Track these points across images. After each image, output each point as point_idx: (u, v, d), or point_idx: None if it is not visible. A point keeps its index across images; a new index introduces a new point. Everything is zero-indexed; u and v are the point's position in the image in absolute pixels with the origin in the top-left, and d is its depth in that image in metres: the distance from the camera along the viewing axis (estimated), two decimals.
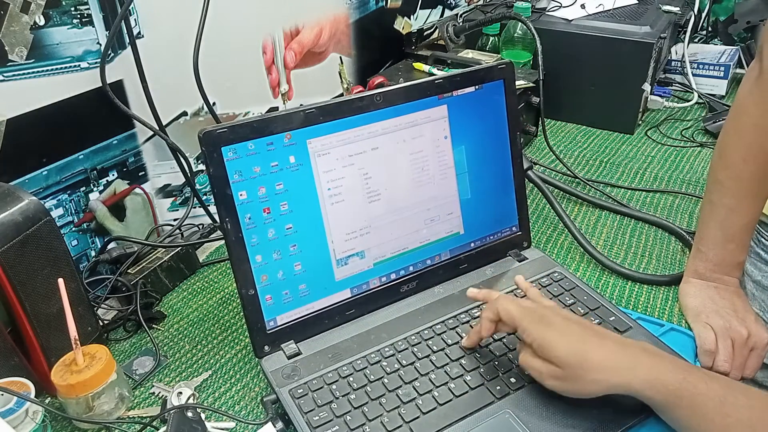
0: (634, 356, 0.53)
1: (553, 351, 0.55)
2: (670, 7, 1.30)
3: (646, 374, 0.52)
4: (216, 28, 0.80)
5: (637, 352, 0.54)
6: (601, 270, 0.84)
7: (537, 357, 0.56)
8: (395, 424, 0.58)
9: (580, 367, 0.53)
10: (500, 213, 0.79)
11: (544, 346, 0.55)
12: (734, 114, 0.72)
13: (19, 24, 0.68)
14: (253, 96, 0.98)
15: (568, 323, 0.57)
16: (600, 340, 0.55)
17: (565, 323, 0.57)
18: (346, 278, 0.70)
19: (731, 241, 0.73)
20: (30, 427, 0.58)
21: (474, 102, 0.74)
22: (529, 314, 0.58)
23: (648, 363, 0.52)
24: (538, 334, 0.56)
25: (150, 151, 0.87)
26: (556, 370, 0.55)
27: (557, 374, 0.55)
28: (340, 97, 0.72)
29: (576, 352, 0.54)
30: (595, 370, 0.53)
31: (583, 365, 0.53)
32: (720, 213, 0.73)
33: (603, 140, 1.20)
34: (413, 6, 1.30)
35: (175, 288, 0.84)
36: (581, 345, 0.54)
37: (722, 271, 0.74)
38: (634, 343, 0.56)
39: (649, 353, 0.54)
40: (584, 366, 0.53)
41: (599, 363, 0.53)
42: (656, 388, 0.51)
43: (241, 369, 0.71)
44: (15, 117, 0.69)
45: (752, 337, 0.69)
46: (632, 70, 1.16)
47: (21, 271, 0.61)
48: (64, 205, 0.78)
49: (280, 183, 0.64)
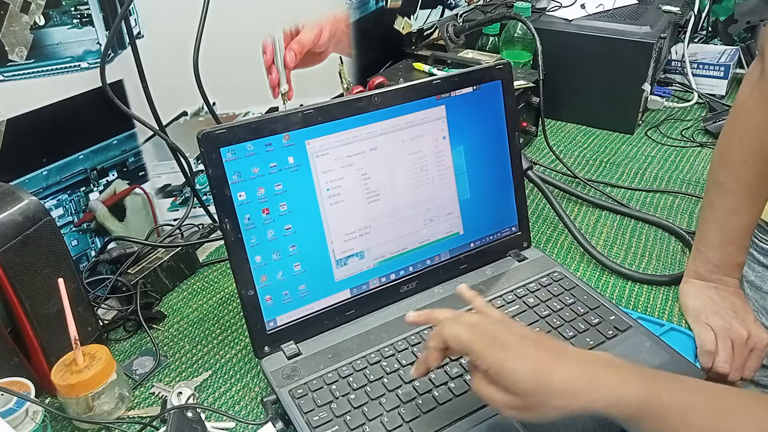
0: (594, 375, 0.49)
1: (509, 380, 0.49)
2: (670, 7, 1.30)
3: (609, 394, 0.48)
4: (216, 28, 0.80)
5: (598, 371, 0.49)
6: (601, 270, 0.84)
7: (492, 384, 0.51)
8: (395, 423, 0.58)
9: (539, 395, 0.48)
10: (500, 213, 0.79)
11: (499, 375, 0.50)
12: (735, 115, 0.72)
13: (19, 24, 0.68)
14: (253, 96, 0.98)
15: (522, 342, 0.51)
16: (558, 361, 0.50)
17: (519, 343, 0.51)
18: (345, 278, 0.70)
19: (731, 243, 0.73)
20: (30, 427, 0.58)
21: (472, 102, 0.74)
22: (480, 337, 0.52)
23: (609, 380, 0.48)
24: (493, 360, 0.50)
25: (150, 151, 0.87)
26: (513, 399, 0.49)
27: (515, 404, 0.50)
28: (338, 98, 0.72)
29: (534, 380, 0.49)
30: (554, 396, 0.48)
31: (542, 392, 0.48)
32: (720, 214, 0.73)
33: (603, 140, 1.20)
34: (413, 6, 1.30)
35: (175, 288, 0.84)
36: (539, 371, 0.49)
37: (722, 272, 0.74)
38: (595, 358, 0.52)
39: (611, 368, 0.50)
40: (543, 393, 0.48)
41: (559, 388, 0.48)
42: (619, 407, 0.47)
43: (241, 369, 0.71)
44: (15, 117, 0.70)
45: (752, 337, 0.69)
46: (632, 70, 1.16)
47: (21, 271, 0.61)
48: (64, 205, 0.78)
49: (279, 184, 0.64)
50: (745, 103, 0.71)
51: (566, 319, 0.70)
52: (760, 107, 0.69)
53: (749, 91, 0.70)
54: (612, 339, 0.67)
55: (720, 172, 0.73)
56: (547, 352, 0.51)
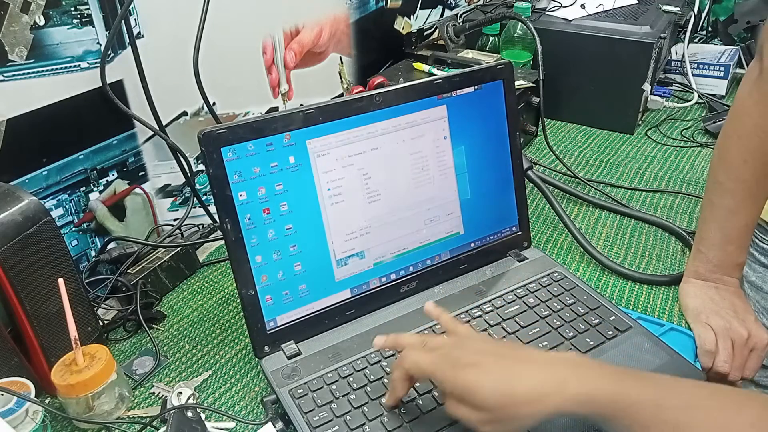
0: (558, 377, 0.49)
1: (475, 397, 0.49)
2: (670, 7, 1.30)
3: (576, 393, 0.48)
4: (216, 28, 0.80)
5: (561, 371, 0.49)
6: (601, 270, 0.84)
7: (462, 404, 0.51)
8: (395, 424, 0.58)
9: (508, 407, 0.48)
10: (500, 213, 0.79)
11: (465, 395, 0.50)
12: (734, 115, 0.72)
13: (19, 24, 0.68)
14: (253, 96, 0.98)
15: (482, 359, 0.51)
16: (520, 369, 0.50)
17: (479, 360, 0.51)
18: (346, 278, 0.70)
19: (731, 242, 0.73)
20: (30, 427, 0.58)
21: (473, 102, 0.74)
22: (440, 362, 0.52)
23: (576, 380, 0.48)
24: (456, 383, 0.50)
25: (150, 151, 0.87)
26: (484, 415, 0.49)
27: (487, 419, 0.49)
28: (339, 98, 0.72)
29: (499, 392, 0.49)
30: (521, 405, 0.48)
31: (509, 403, 0.48)
32: (720, 214, 0.73)
33: (603, 140, 1.20)
34: (413, 6, 1.30)
35: (175, 288, 0.84)
36: (503, 382, 0.49)
37: (722, 272, 0.74)
38: (560, 359, 0.52)
39: (576, 368, 0.50)
40: (512, 404, 0.48)
41: (524, 396, 0.48)
42: (589, 405, 0.47)
43: (241, 369, 0.71)
44: (15, 117, 0.70)
45: (752, 337, 0.69)
46: (632, 70, 1.16)
47: (21, 271, 0.61)
48: (64, 205, 0.78)
49: (279, 183, 0.64)
50: (744, 102, 0.71)
51: (566, 320, 0.70)
52: (759, 106, 0.69)
53: (748, 90, 0.70)
54: (612, 339, 0.67)
55: (719, 171, 0.73)
56: (508, 363, 0.51)
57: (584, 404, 0.47)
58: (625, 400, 0.47)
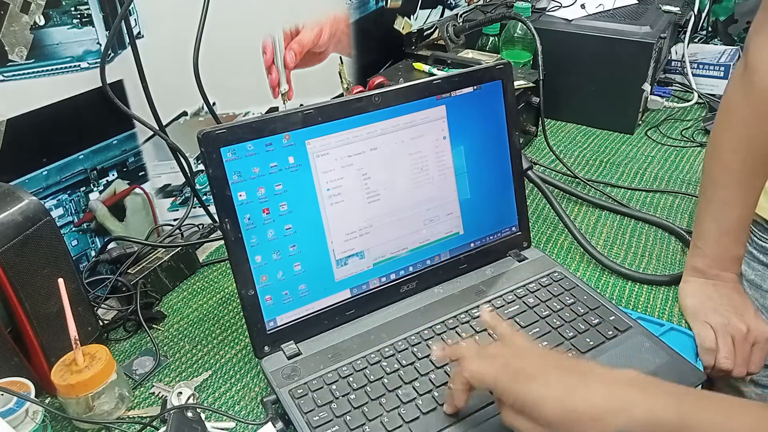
0: (624, 397, 0.48)
1: (536, 411, 0.49)
2: (670, 7, 1.30)
3: (643, 413, 0.46)
4: (216, 28, 0.80)
5: (630, 390, 0.48)
6: (601, 270, 0.84)
7: (520, 415, 0.50)
8: (395, 424, 0.58)
9: (569, 423, 0.47)
10: (500, 213, 0.79)
11: (527, 408, 0.49)
12: (723, 109, 0.74)
13: (19, 24, 0.68)
14: (253, 96, 0.98)
15: (546, 371, 0.50)
16: (585, 385, 0.49)
17: (543, 372, 0.50)
18: (345, 278, 0.70)
19: (727, 235, 0.74)
20: (30, 427, 0.58)
21: (473, 102, 0.74)
22: (501, 373, 0.51)
23: (640, 401, 0.47)
24: (518, 395, 0.50)
25: (150, 151, 0.87)
26: (545, 430, 0.49)
27: None
28: (338, 98, 0.72)
29: (563, 409, 0.48)
30: (585, 423, 0.47)
31: (572, 420, 0.47)
32: (714, 207, 0.74)
33: (603, 140, 1.20)
34: (413, 6, 1.30)
35: (175, 288, 0.84)
36: (567, 399, 0.48)
37: (720, 267, 0.74)
38: (624, 378, 0.50)
39: (640, 388, 0.48)
40: (575, 421, 0.47)
41: (587, 414, 0.47)
42: (656, 425, 0.46)
43: (241, 369, 0.71)
44: (15, 117, 0.70)
45: (752, 331, 0.69)
46: (632, 70, 1.16)
47: (21, 271, 0.61)
48: (64, 205, 0.78)
49: (279, 183, 0.64)
50: (732, 96, 0.72)
51: (566, 320, 0.70)
52: (746, 100, 0.70)
53: (735, 84, 0.72)
54: (612, 339, 0.67)
55: (711, 165, 0.74)
56: (572, 378, 0.50)
57: (649, 425, 0.46)
58: (690, 422, 0.45)
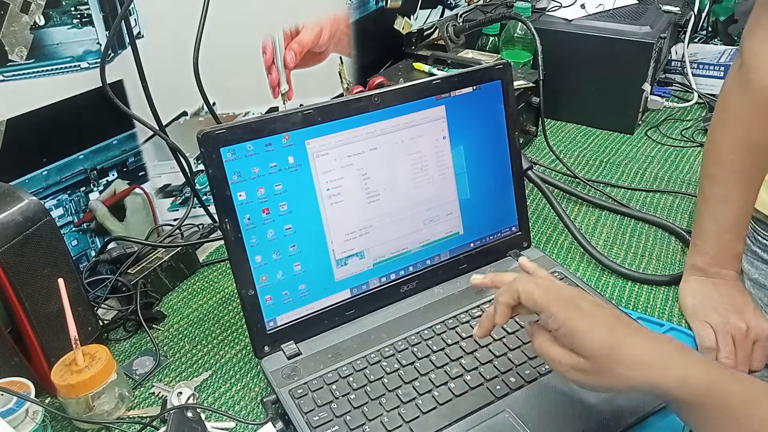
0: (666, 353, 0.49)
1: (581, 340, 0.49)
2: (670, 7, 1.30)
3: (678, 373, 0.48)
4: (216, 28, 0.80)
5: (669, 349, 0.50)
6: (601, 270, 0.84)
7: (557, 345, 0.51)
8: (395, 423, 0.58)
9: (610, 361, 0.49)
10: (500, 213, 0.79)
11: (572, 335, 0.50)
12: (719, 107, 0.74)
13: (19, 24, 0.68)
14: (253, 96, 0.98)
15: (597, 309, 0.52)
16: (631, 332, 0.51)
17: (594, 309, 0.52)
18: (345, 278, 0.70)
19: (726, 232, 0.74)
20: (30, 427, 0.58)
21: (472, 102, 0.74)
22: (556, 296, 0.52)
23: (680, 361, 0.49)
24: (567, 321, 0.50)
25: (150, 151, 0.87)
26: (581, 361, 0.50)
27: (583, 366, 0.50)
28: (338, 98, 0.72)
29: (607, 344, 0.49)
30: (626, 366, 0.48)
31: (613, 359, 0.49)
32: (713, 205, 0.74)
33: (603, 140, 1.20)
34: (413, 6, 1.30)
35: (175, 288, 0.84)
36: (613, 336, 0.49)
37: (720, 264, 0.75)
38: (665, 339, 0.52)
39: (680, 351, 0.50)
40: (615, 360, 0.49)
41: (631, 358, 0.49)
42: (687, 387, 0.48)
43: (241, 369, 0.71)
44: (15, 117, 0.70)
45: (752, 329, 0.69)
46: (632, 70, 1.16)
47: (21, 271, 0.61)
48: (64, 205, 0.78)
49: (279, 183, 0.64)
50: (728, 95, 0.73)
51: None
52: (741, 97, 0.71)
53: (731, 82, 0.73)
54: None
55: (709, 163, 0.75)
56: (621, 323, 0.51)
57: (683, 386, 0.48)
58: (718, 390, 0.47)
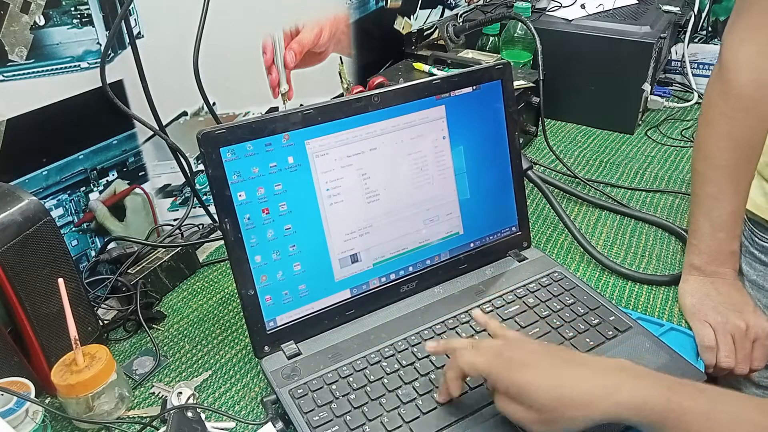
0: (613, 382, 0.50)
1: (528, 396, 0.51)
2: (670, 7, 1.30)
3: (628, 399, 0.49)
4: (216, 28, 0.80)
5: (615, 376, 0.51)
6: (601, 270, 0.84)
7: (513, 402, 0.53)
8: (395, 424, 0.58)
9: (559, 408, 0.50)
10: (500, 213, 0.79)
11: (519, 394, 0.52)
12: (704, 107, 0.76)
13: (19, 24, 0.68)
14: (253, 96, 0.98)
15: (537, 358, 0.53)
16: (574, 371, 0.52)
17: (535, 361, 0.53)
18: (345, 278, 0.70)
19: (720, 230, 0.74)
20: (30, 427, 0.58)
21: (472, 102, 0.74)
22: (495, 361, 0.54)
23: (629, 386, 0.49)
24: (511, 381, 0.52)
25: (150, 151, 0.87)
26: (536, 415, 0.51)
27: (538, 419, 0.51)
28: (338, 98, 0.72)
29: (552, 394, 0.50)
30: (574, 408, 0.49)
31: (561, 405, 0.50)
32: (705, 203, 0.75)
33: (603, 140, 1.20)
34: (413, 6, 1.30)
35: (175, 288, 0.84)
36: (556, 383, 0.51)
37: (717, 263, 0.75)
38: (613, 365, 0.52)
39: (629, 374, 0.51)
40: (563, 406, 0.50)
41: (577, 399, 0.50)
42: (640, 412, 0.48)
43: (241, 369, 0.71)
44: (15, 117, 0.70)
45: (752, 328, 0.69)
46: (632, 70, 1.16)
47: (21, 271, 0.61)
48: (64, 205, 0.78)
49: (278, 183, 0.64)
50: (710, 94, 0.75)
51: (566, 320, 0.70)
52: (722, 97, 0.73)
53: (712, 82, 0.75)
54: (612, 339, 0.67)
55: (698, 162, 0.76)
56: (563, 366, 0.52)
57: (635, 411, 0.48)
58: (676, 410, 0.47)
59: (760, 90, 0.71)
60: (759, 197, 0.82)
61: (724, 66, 0.73)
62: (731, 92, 0.72)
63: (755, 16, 0.71)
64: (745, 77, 0.71)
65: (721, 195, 0.74)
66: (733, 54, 0.72)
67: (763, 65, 0.70)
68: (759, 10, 0.70)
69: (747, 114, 0.72)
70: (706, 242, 0.75)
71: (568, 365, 0.52)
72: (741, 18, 0.72)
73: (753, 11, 0.71)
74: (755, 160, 0.74)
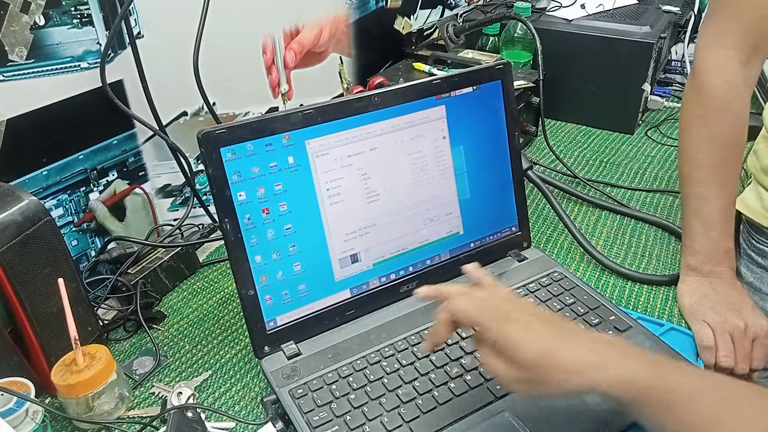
0: (602, 354, 0.49)
1: (515, 352, 0.50)
2: (670, 7, 1.30)
3: (615, 373, 0.48)
4: (216, 28, 0.80)
5: (605, 349, 0.50)
6: (601, 270, 0.84)
7: (498, 357, 0.51)
8: (395, 423, 0.58)
9: (544, 369, 0.49)
10: (500, 213, 0.79)
11: (506, 347, 0.50)
12: (682, 111, 0.79)
13: (19, 24, 0.68)
14: (253, 96, 0.98)
15: (530, 318, 0.52)
16: (565, 337, 0.51)
17: (527, 318, 0.52)
18: (345, 278, 0.70)
19: (712, 229, 0.75)
20: (30, 427, 0.58)
21: (472, 102, 0.74)
22: (488, 310, 0.53)
23: (616, 361, 0.49)
24: (500, 333, 0.51)
25: (150, 151, 0.87)
26: (518, 372, 0.50)
27: (520, 377, 0.50)
28: (338, 98, 0.72)
29: (540, 353, 0.49)
30: (560, 371, 0.49)
31: (547, 367, 0.49)
32: (694, 204, 0.76)
33: (603, 140, 1.20)
34: (413, 6, 1.30)
35: (175, 288, 0.84)
36: (545, 344, 0.50)
37: (713, 262, 0.75)
38: (603, 339, 0.52)
39: (618, 350, 0.50)
40: (549, 367, 0.49)
41: (564, 363, 0.49)
42: (624, 387, 0.47)
43: (241, 369, 0.71)
44: (15, 117, 0.70)
45: (750, 327, 0.69)
46: (632, 70, 1.16)
47: (21, 271, 0.61)
48: (64, 205, 0.78)
49: (278, 183, 0.64)
50: (687, 97, 0.78)
51: None
52: (697, 100, 0.76)
53: (688, 86, 0.78)
54: None
55: (683, 165, 0.78)
56: (555, 328, 0.52)
57: (620, 386, 0.48)
58: (661, 388, 0.47)
59: (732, 90, 0.74)
60: (754, 201, 0.83)
61: (697, 70, 0.76)
62: (704, 94, 0.75)
63: (723, 21, 0.74)
64: (717, 79, 0.74)
65: (709, 195, 0.75)
66: (704, 58, 0.75)
67: (733, 67, 0.74)
68: (726, 16, 0.74)
69: (721, 114, 0.74)
70: (699, 242, 0.76)
71: (561, 330, 0.52)
72: (711, 24, 0.76)
73: (721, 17, 0.74)
74: (738, 157, 0.76)
